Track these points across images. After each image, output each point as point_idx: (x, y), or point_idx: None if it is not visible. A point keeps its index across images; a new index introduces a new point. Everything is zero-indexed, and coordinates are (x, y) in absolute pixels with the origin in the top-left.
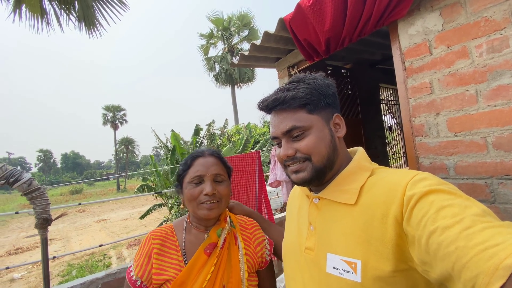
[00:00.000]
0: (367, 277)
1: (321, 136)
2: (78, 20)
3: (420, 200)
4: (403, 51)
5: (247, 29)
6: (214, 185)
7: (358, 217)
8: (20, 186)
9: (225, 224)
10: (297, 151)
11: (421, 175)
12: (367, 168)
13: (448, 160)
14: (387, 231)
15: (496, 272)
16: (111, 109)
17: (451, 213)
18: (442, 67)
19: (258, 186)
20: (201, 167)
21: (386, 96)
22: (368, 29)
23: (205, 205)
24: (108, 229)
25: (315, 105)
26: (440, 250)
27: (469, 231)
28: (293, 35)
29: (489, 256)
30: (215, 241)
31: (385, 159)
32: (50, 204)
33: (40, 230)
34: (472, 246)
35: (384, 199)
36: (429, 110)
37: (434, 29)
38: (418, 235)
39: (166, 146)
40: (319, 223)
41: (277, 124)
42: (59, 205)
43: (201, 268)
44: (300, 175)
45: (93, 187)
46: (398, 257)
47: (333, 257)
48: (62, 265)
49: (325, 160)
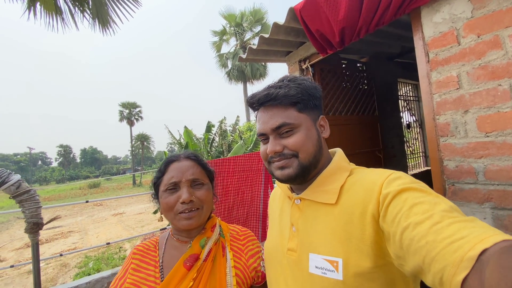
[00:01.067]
0: (348, 275)
1: (309, 135)
2: (92, 18)
3: (394, 198)
4: (426, 41)
5: (260, 25)
6: (192, 191)
7: (339, 217)
8: (8, 188)
9: (211, 233)
10: (284, 148)
11: (395, 174)
12: (346, 169)
13: (477, 163)
14: (365, 228)
15: (461, 264)
16: (127, 106)
17: (422, 209)
18: (472, 58)
19: (263, 186)
20: (176, 173)
21: (404, 91)
22: (387, 18)
23: (183, 214)
24: (124, 222)
25: (305, 105)
26: (412, 244)
27: (438, 226)
28: (304, 25)
29: (455, 249)
30: (198, 253)
31: (403, 158)
32: (41, 207)
33: (31, 235)
34: (440, 240)
35: (362, 198)
36: (456, 107)
37: (462, 16)
38: (393, 231)
39: (180, 143)
40: (301, 224)
41: (266, 120)
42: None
43: (178, 283)
44: (286, 171)
45: (110, 181)
46: (377, 253)
47: (316, 257)
48: (80, 256)
49: (311, 158)
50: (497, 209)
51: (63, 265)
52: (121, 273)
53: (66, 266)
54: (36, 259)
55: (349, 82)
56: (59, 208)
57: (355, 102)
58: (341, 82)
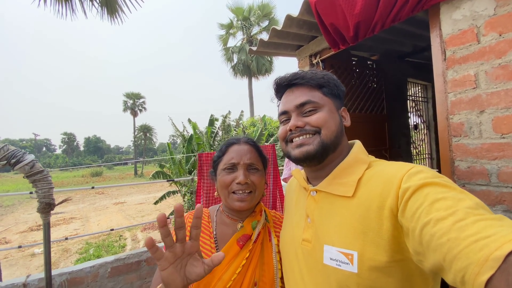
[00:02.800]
0: (363, 268)
1: (333, 116)
2: (101, 6)
3: (415, 193)
4: (444, 39)
5: (268, 19)
6: (247, 174)
7: (355, 209)
8: (22, 167)
9: (260, 217)
10: (306, 124)
11: (416, 168)
12: (364, 161)
13: (491, 164)
14: (383, 222)
15: (486, 263)
16: (131, 96)
17: (445, 205)
18: (492, 57)
19: (272, 180)
20: (235, 154)
21: (413, 92)
22: (404, 13)
23: (236, 195)
24: (125, 211)
25: (330, 90)
26: (432, 241)
27: (461, 223)
28: (318, 18)
29: (480, 247)
30: (249, 233)
31: (409, 159)
32: (53, 188)
33: (43, 215)
34: (464, 237)
35: (381, 192)
36: (471, 107)
37: (484, 13)
38: (412, 226)
39: (183, 135)
40: (317, 216)
41: (292, 99)
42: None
43: (232, 259)
44: (305, 148)
45: (112, 171)
46: (394, 248)
47: (330, 249)
48: (81, 243)
49: (333, 137)
50: (510, 212)
51: (65, 250)
52: None
53: (67, 251)
54: (47, 239)
55: (359, 79)
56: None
57: (363, 100)
58: (351, 79)
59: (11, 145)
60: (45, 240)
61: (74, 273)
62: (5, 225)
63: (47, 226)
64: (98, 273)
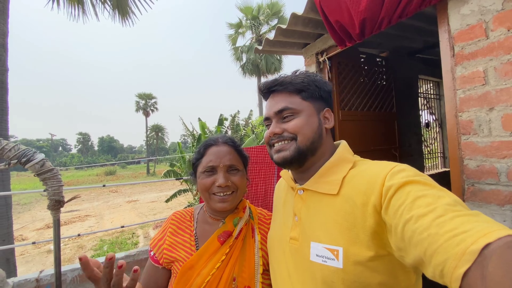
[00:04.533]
0: (348, 263)
1: (309, 121)
2: (112, 9)
3: (398, 191)
4: (452, 34)
5: (277, 18)
6: (228, 176)
7: (340, 207)
8: (33, 166)
9: (243, 214)
10: (284, 131)
11: (399, 167)
12: (349, 160)
13: (500, 163)
14: (366, 219)
15: (463, 257)
16: (143, 96)
17: (425, 202)
18: (500, 53)
19: (277, 179)
20: (214, 157)
21: (425, 89)
22: (411, 9)
23: (217, 196)
24: (137, 209)
25: (310, 94)
26: (414, 237)
27: (440, 219)
28: (324, 16)
29: (457, 242)
30: (231, 230)
31: (420, 158)
32: (63, 185)
33: (53, 212)
34: (443, 233)
35: (365, 190)
36: (480, 104)
37: (492, 8)
38: (395, 223)
39: (193, 134)
40: (304, 214)
41: (272, 105)
42: (86, 186)
43: (212, 254)
44: (282, 154)
45: (125, 169)
46: (377, 243)
47: (317, 246)
48: (95, 240)
49: (309, 143)
50: None
51: (80, 246)
52: (160, 235)
53: (82, 248)
54: (57, 235)
55: (367, 77)
56: (76, 192)
57: (372, 98)
58: (359, 77)
59: (28, 145)
60: (55, 236)
61: None
62: (22, 222)
63: (57, 222)
64: None
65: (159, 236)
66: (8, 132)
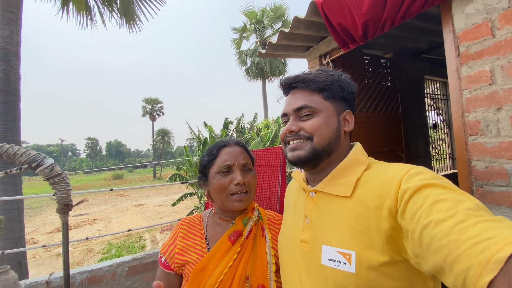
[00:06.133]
0: (361, 268)
1: (328, 122)
2: (120, 17)
3: (414, 194)
4: (457, 34)
5: (281, 21)
6: (244, 174)
7: (353, 210)
8: (42, 171)
9: (252, 214)
10: (301, 129)
11: (416, 169)
12: (363, 162)
13: (510, 164)
14: (381, 223)
15: (487, 265)
16: (149, 101)
17: (445, 207)
18: (508, 51)
19: (281, 182)
20: (230, 156)
21: (432, 89)
22: (414, 10)
23: (235, 196)
24: (144, 213)
25: (332, 94)
26: (433, 243)
27: (462, 225)
28: (326, 19)
29: (481, 249)
30: (241, 229)
31: (427, 160)
32: (71, 189)
33: (61, 215)
34: (465, 239)
35: (379, 192)
36: (488, 104)
37: (498, 6)
38: (412, 228)
39: (199, 138)
40: (315, 216)
41: (292, 102)
42: (94, 190)
43: (223, 254)
44: (296, 152)
45: (132, 174)
46: (392, 248)
47: (328, 249)
48: (104, 243)
49: (325, 144)
50: None
51: (89, 250)
52: (171, 240)
53: (91, 251)
54: (66, 238)
55: (372, 78)
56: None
57: (377, 99)
58: (363, 79)
59: (39, 150)
60: (64, 239)
61: (94, 271)
62: (34, 226)
63: (66, 225)
64: (116, 272)
65: (170, 241)
66: (21, 138)
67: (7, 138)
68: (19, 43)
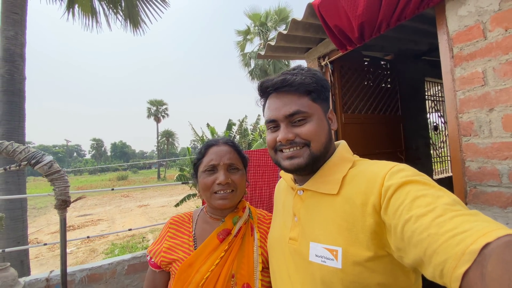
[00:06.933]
0: (347, 264)
1: (321, 125)
2: (124, 19)
3: (397, 191)
4: (451, 36)
5: (284, 23)
6: (228, 174)
7: (340, 207)
8: (41, 167)
9: (242, 213)
10: (296, 136)
11: (398, 167)
12: (349, 160)
13: (502, 165)
14: (366, 219)
15: (462, 257)
16: (154, 103)
17: (425, 202)
18: (499, 53)
19: None
20: (215, 156)
21: (433, 91)
22: (409, 12)
23: (218, 194)
24: (148, 214)
25: (318, 95)
26: (413, 237)
27: (440, 219)
28: (323, 21)
29: (457, 242)
30: (230, 228)
31: (428, 162)
32: (69, 186)
33: (59, 211)
34: (442, 233)
35: (364, 189)
36: (480, 105)
37: (489, 8)
38: (395, 223)
39: (202, 139)
40: (303, 214)
41: (280, 106)
42: (97, 189)
43: (211, 252)
44: (296, 161)
45: (137, 174)
46: (376, 244)
47: (316, 246)
48: (107, 243)
49: (322, 148)
50: None
51: (92, 250)
52: (159, 239)
53: (94, 251)
54: (64, 234)
55: (371, 80)
56: (89, 195)
57: (376, 100)
58: (363, 80)
59: (45, 151)
60: (61, 234)
61: (94, 269)
62: (38, 226)
63: (63, 221)
64: (115, 270)
65: (157, 241)
66: (25, 138)
67: (11, 138)
68: (24, 44)
